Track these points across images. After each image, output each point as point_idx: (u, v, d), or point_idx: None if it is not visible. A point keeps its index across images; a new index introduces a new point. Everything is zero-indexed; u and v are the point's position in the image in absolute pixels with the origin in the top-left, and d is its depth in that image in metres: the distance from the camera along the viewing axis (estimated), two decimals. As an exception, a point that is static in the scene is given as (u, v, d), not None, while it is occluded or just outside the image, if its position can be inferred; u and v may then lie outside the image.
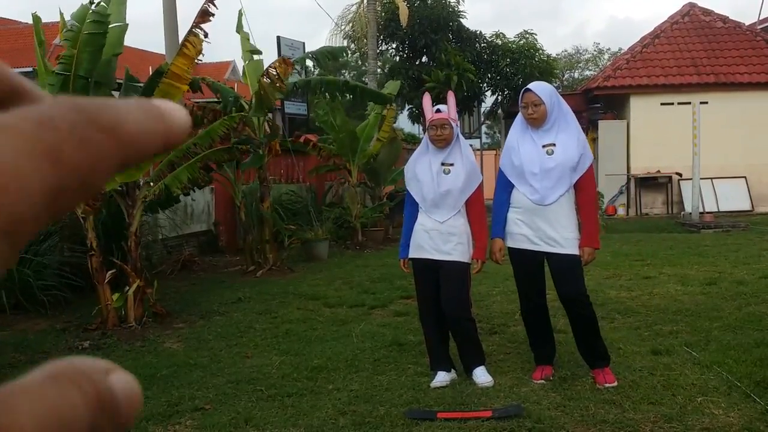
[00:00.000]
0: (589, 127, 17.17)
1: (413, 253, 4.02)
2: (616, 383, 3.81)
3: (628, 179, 15.61)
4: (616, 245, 9.88)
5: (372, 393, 3.89)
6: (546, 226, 3.84)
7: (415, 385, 3.99)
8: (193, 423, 3.59)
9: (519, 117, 4.03)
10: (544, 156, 3.84)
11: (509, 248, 4.00)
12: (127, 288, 5.90)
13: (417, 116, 18.27)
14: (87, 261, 5.85)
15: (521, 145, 3.92)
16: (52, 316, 6.31)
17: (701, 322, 5.11)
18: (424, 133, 4.14)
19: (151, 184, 6.13)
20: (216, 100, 8.80)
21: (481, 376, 3.96)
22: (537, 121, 3.87)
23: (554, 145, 3.85)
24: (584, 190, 3.90)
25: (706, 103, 13.97)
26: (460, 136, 4.09)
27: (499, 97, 18.46)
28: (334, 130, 10.52)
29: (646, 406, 3.49)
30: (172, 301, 6.82)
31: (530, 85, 3.97)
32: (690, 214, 12.88)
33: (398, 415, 3.50)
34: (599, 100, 16.68)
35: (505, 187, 3.99)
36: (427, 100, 4.13)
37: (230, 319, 6.06)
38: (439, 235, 3.94)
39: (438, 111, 3.96)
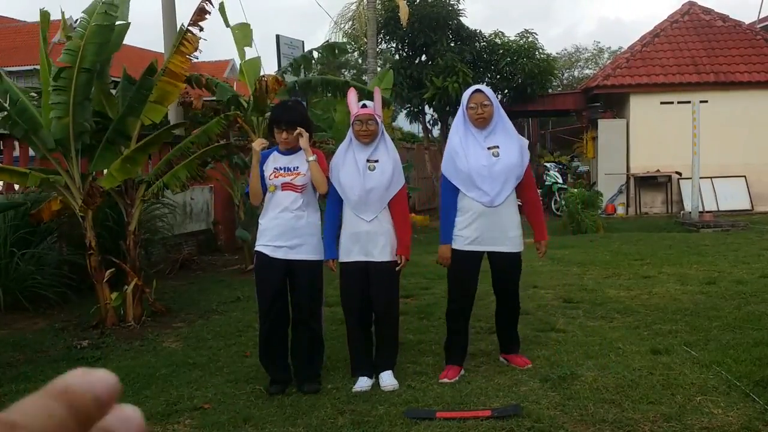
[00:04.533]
0: (589, 126, 17.18)
1: (342, 257, 4.04)
2: (531, 364, 4.12)
3: (628, 178, 15.61)
4: (616, 245, 9.87)
5: (371, 392, 3.88)
6: (494, 227, 3.96)
7: (414, 384, 3.98)
8: (191, 422, 3.59)
9: (457, 123, 4.06)
10: (491, 158, 3.92)
11: (454, 250, 4.04)
12: (126, 287, 5.89)
13: (416, 115, 18.26)
14: (86, 260, 5.84)
15: (466, 149, 3.96)
16: (50, 315, 6.31)
17: (700, 322, 5.11)
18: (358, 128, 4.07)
19: (150, 183, 6.12)
20: (215, 99, 8.78)
21: (388, 379, 3.99)
22: (485, 121, 3.95)
23: (498, 147, 3.94)
24: (528, 188, 4.08)
25: (706, 102, 13.97)
26: (385, 133, 4.11)
27: (499, 96, 18.46)
28: (333, 127, 10.49)
29: (645, 405, 3.48)
30: (171, 301, 6.81)
31: (479, 86, 4.08)
32: (689, 213, 12.89)
33: (397, 415, 3.50)
34: (599, 98, 16.68)
35: (451, 193, 4.03)
36: (352, 95, 4.13)
37: (229, 318, 6.05)
38: (367, 237, 3.96)
39: (364, 106, 3.99)
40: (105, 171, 5.82)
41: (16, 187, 7.62)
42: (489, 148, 3.94)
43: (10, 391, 4.19)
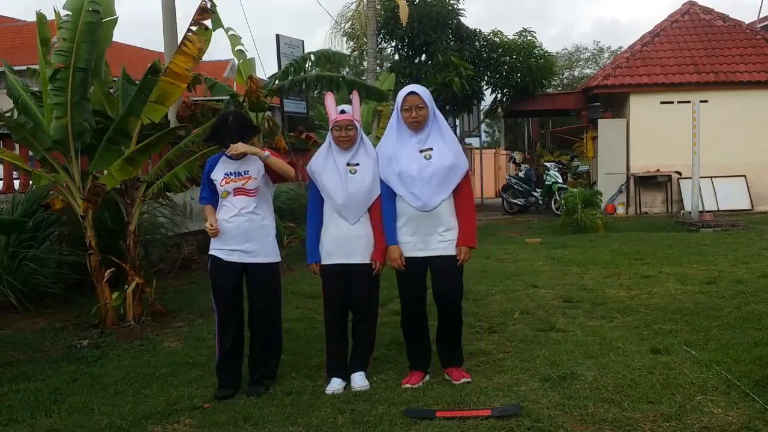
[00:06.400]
0: (589, 125, 17.18)
1: (323, 260, 4.04)
2: (470, 378, 3.95)
3: (628, 178, 15.61)
4: (616, 244, 9.88)
5: (371, 392, 3.89)
6: (429, 230, 3.91)
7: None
8: (191, 422, 3.59)
9: (392, 125, 4.01)
10: (423, 161, 3.87)
11: None
12: (126, 287, 5.89)
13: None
14: (86, 260, 5.84)
15: (399, 152, 3.93)
16: (51, 315, 6.31)
17: (700, 321, 5.12)
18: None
19: (150, 182, 6.12)
20: (214, 99, 8.79)
21: (360, 380, 4.00)
22: (420, 124, 3.89)
23: (431, 149, 3.89)
24: (462, 192, 3.97)
25: (706, 101, 13.97)
26: (365, 136, 4.10)
27: (499, 95, 18.46)
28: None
29: (645, 405, 3.48)
30: (171, 300, 6.81)
31: (414, 88, 3.93)
32: (689, 213, 12.89)
33: (397, 414, 3.50)
34: (599, 98, 16.68)
35: (390, 196, 3.99)
36: (330, 101, 4.09)
37: (229, 317, 6.05)
38: (350, 240, 3.97)
39: (342, 112, 3.97)
40: (105, 171, 5.81)
41: (16, 186, 7.63)
42: (422, 151, 3.89)
43: (10, 390, 4.19)
